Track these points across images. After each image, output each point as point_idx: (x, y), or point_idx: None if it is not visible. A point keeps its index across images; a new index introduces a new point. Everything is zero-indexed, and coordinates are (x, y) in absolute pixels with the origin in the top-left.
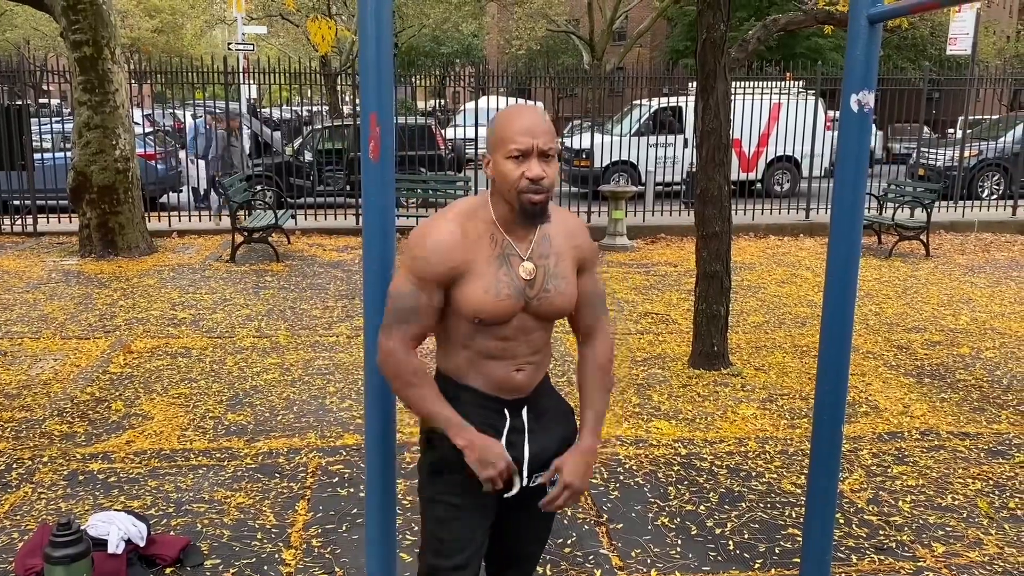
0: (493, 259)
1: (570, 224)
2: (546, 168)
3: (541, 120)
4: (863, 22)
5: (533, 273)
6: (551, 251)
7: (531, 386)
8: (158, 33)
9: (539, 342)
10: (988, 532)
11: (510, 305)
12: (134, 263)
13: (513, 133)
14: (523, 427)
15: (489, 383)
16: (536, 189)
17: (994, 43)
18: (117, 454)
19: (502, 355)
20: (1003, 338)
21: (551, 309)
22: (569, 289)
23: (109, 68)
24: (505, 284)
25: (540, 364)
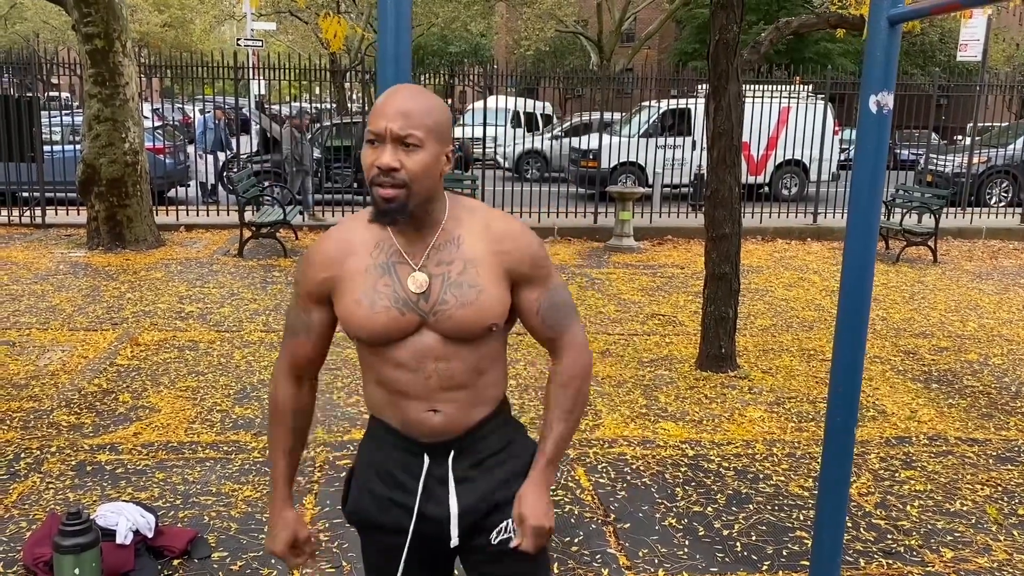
0: (373, 267)
1: (496, 227)
2: (404, 158)
3: (410, 102)
4: (883, 23)
5: (425, 284)
6: (458, 256)
7: (457, 428)
8: (167, 28)
9: (459, 372)
10: (997, 538)
11: (393, 319)
12: (142, 256)
13: (373, 114)
14: (446, 477)
15: (403, 422)
16: (386, 181)
17: (1004, 50)
18: (125, 445)
19: (411, 390)
20: (1011, 345)
21: (453, 324)
22: (481, 298)
23: (120, 61)
24: (384, 295)
25: (471, 401)
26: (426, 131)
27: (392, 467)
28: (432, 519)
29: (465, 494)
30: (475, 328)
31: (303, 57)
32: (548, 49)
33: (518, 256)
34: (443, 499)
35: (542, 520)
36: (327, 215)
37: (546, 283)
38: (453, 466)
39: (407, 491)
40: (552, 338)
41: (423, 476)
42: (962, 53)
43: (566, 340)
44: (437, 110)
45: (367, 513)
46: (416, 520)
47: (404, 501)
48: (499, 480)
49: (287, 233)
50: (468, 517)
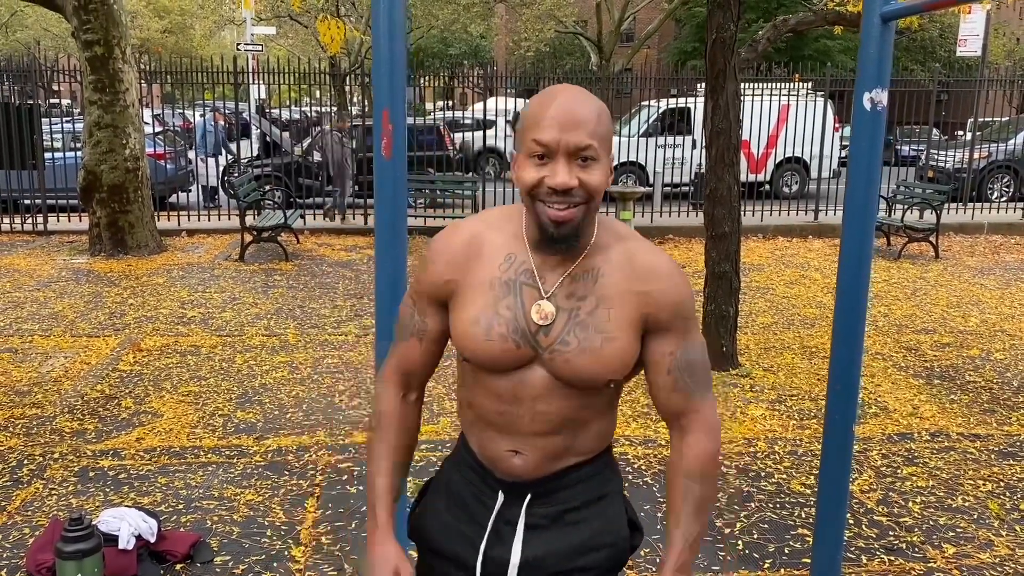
0: (498, 283)
1: (641, 261)
2: (583, 175)
3: (581, 108)
4: (876, 20)
5: (551, 317)
6: (592, 292)
7: (538, 472)
8: (167, 34)
9: (558, 417)
10: (999, 534)
11: (506, 350)
12: (144, 262)
13: (538, 120)
14: (515, 519)
15: (485, 454)
16: (558, 204)
17: (1004, 45)
18: (127, 451)
19: (499, 424)
20: (1013, 340)
21: (568, 370)
22: (608, 348)
23: (120, 68)
24: (504, 319)
25: (560, 450)
26: (600, 141)
27: (467, 495)
28: (493, 560)
29: (532, 544)
30: (592, 380)
31: (303, 61)
32: (548, 50)
33: (660, 300)
34: (508, 543)
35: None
36: (328, 219)
37: (686, 336)
38: (527, 510)
39: (477, 524)
40: (679, 407)
41: (494, 514)
42: (962, 48)
43: (697, 414)
44: (605, 115)
45: (430, 536)
46: (482, 557)
47: (471, 534)
48: (575, 544)
49: (288, 237)
50: (530, 571)
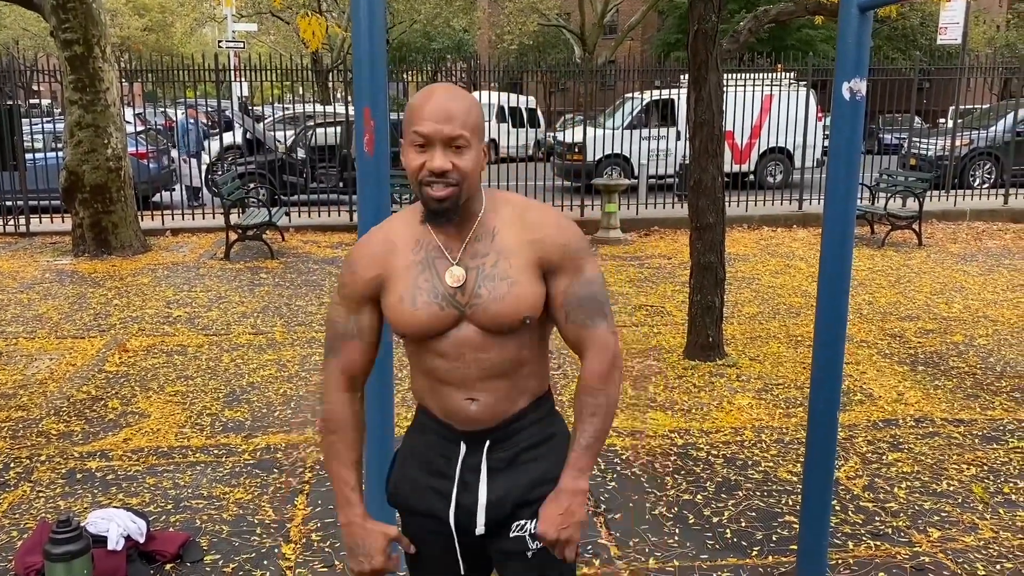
0: (413, 265)
1: (530, 216)
2: (456, 159)
3: (452, 103)
4: (853, 10)
5: (462, 279)
6: (492, 249)
7: (494, 418)
8: (148, 32)
9: (497, 363)
10: (983, 517)
11: (432, 315)
12: (128, 262)
13: (417, 115)
14: (478, 465)
15: (443, 410)
16: (437, 184)
17: (984, 32)
18: (115, 452)
19: (451, 379)
20: (996, 325)
21: (487, 317)
22: (514, 290)
23: (100, 67)
24: (424, 291)
25: (508, 392)
26: (471, 130)
27: (431, 454)
28: (464, 507)
29: (495, 486)
30: (509, 321)
31: (285, 57)
32: (531, 43)
33: (549, 245)
34: (474, 488)
35: (548, 531)
36: (313, 215)
37: (576, 274)
38: (488, 456)
39: (445, 478)
40: (576, 336)
41: (459, 465)
42: (942, 36)
43: (591, 338)
44: (476, 107)
45: (405, 498)
46: (454, 507)
47: (441, 488)
48: (532, 479)
49: (273, 235)
50: (495, 509)
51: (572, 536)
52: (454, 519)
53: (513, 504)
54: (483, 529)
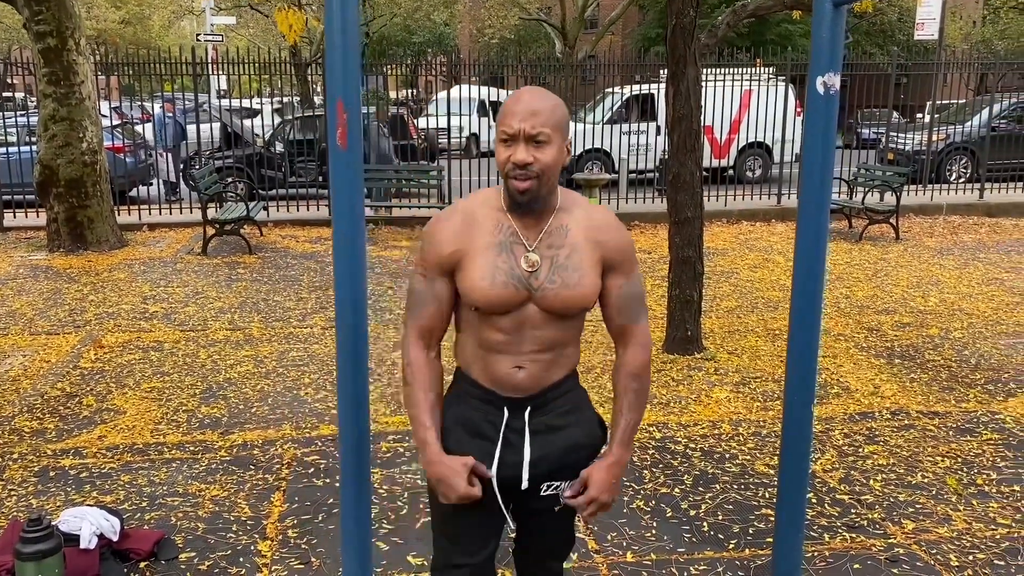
0: (493, 245)
1: (596, 218)
2: (536, 153)
3: (538, 102)
4: (828, 4)
5: (537, 264)
6: (565, 242)
7: (536, 386)
8: (125, 24)
9: (548, 339)
10: (956, 508)
11: (508, 294)
12: (104, 257)
13: (506, 115)
14: (523, 428)
15: (491, 378)
16: (521, 175)
17: (960, 28)
18: (89, 449)
19: (504, 349)
20: (971, 319)
21: (556, 302)
22: (583, 282)
23: (74, 59)
24: (503, 271)
25: (550, 364)
26: (553, 128)
27: (477, 419)
28: (508, 465)
29: (536, 446)
30: (573, 307)
31: (264, 51)
32: (512, 37)
33: (613, 246)
34: (519, 448)
35: (602, 494)
36: (292, 210)
37: (629, 274)
38: (529, 420)
39: (488, 440)
40: (622, 326)
41: (503, 427)
42: (919, 32)
43: (635, 331)
44: (560, 108)
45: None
46: (497, 466)
47: (485, 448)
48: (566, 446)
49: (251, 229)
50: (538, 466)
51: (614, 498)
52: (497, 476)
53: (549, 467)
54: (527, 484)
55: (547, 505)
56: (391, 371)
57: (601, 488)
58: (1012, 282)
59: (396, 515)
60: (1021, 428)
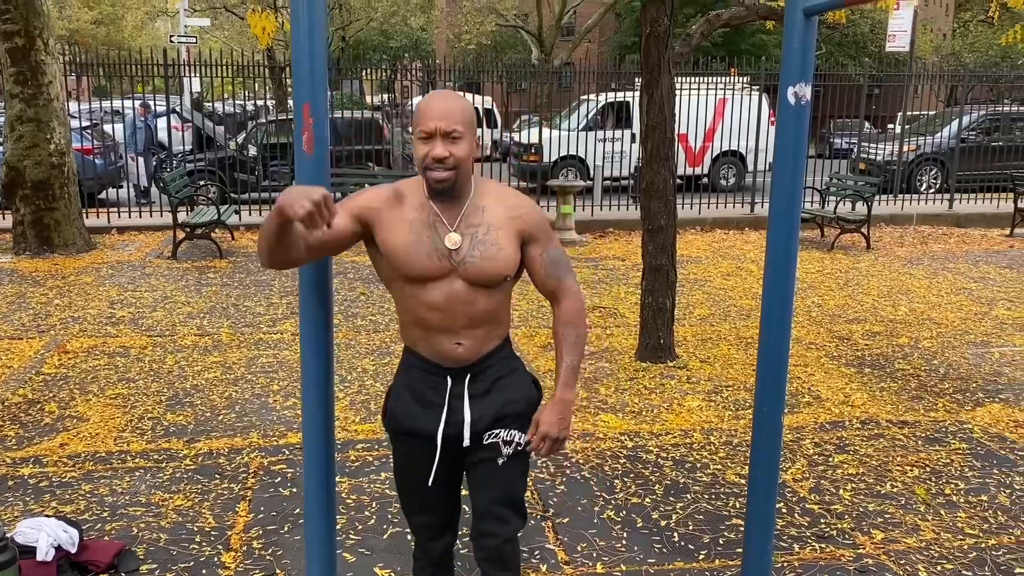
0: (417, 222)
1: (510, 199)
2: (451, 148)
3: (450, 104)
4: (799, 15)
5: (458, 243)
6: (483, 220)
7: (474, 356)
8: (98, 24)
9: (480, 312)
10: (925, 518)
11: (431, 264)
12: (71, 260)
13: (423, 116)
14: (462, 394)
15: (433, 353)
16: (439, 167)
17: (931, 40)
18: (50, 457)
19: (442, 328)
20: (940, 328)
21: (478, 273)
22: (501, 255)
23: (42, 59)
24: (425, 243)
25: (486, 336)
26: (464, 125)
27: (423, 387)
28: (452, 425)
29: (476, 408)
30: (495, 277)
31: (239, 53)
32: (489, 43)
33: (528, 221)
34: (460, 411)
35: (551, 430)
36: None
37: (547, 243)
38: (469, 387)
39: (435, 406)
40: (553, 287)
41: (447, 394)
42: (891, 44)
43: (563, 288)
44: (468, 108)
45: (399, 421)
46: (443, 426)
47: (432, 413)
48: (503, 401)
49: (222, 234)
50: (476, 425)
51: (565, 434)
52: (442, 435)
53: (488, 421)
54: (468, 441)
55: (490, 455)
56: (360, 378)
57: (549, 424)
58: (980, 292)
59: (363, 525)
60: (988, 438)
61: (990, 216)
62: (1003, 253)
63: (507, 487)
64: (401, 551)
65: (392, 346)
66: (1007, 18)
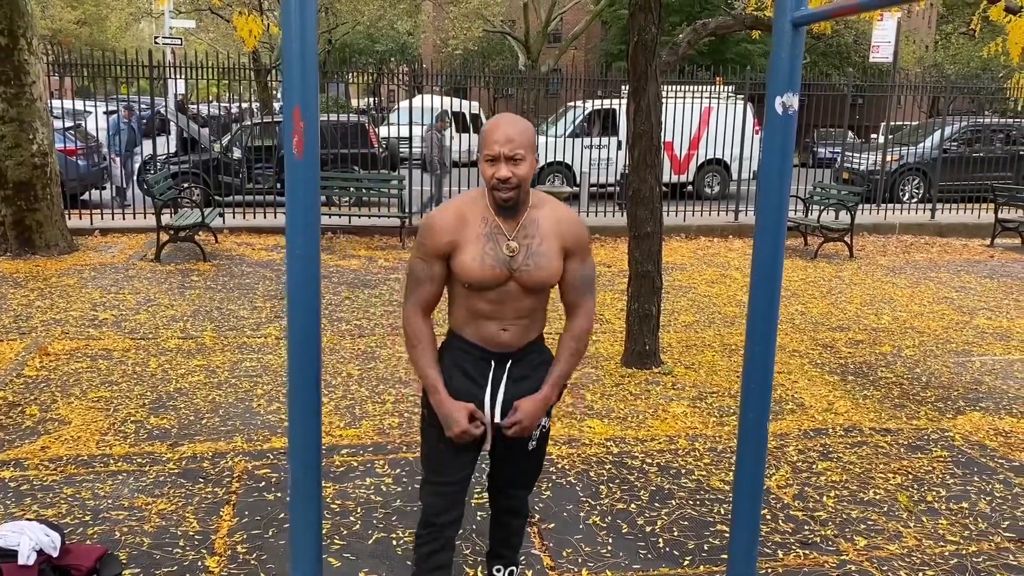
0: (481, 236)
1: (560, 214)
2: (514, 169)
3: (512, 129)
4: (787, 25)
5: (516, 250)
6: (537, 233)
7: (517, 344)
8: (81, 25)
9: (526, 308)
10: (907, 525)
11: (494, 274)
12: (53, 262)
13: (488, 141)
14: (502, 376)
15: (481, 337)
16: (504, 187)
17: (914, 52)
18: (30, 461)
19: (491, 315)
20: (922, 336)
21: (531, 280)
22: (550, 265)
23: (26, 59)
24: (490, 256)
25: (528, 327)
26: (526, 148)
27: (469, 367)
28: (492, 399)
29: (512, 390)
30: (544, 284)
31: (224, 56)
32: (476, 49)
33: (570, 236)
34: (497, 390)
35: (524, 419)
36: (248, 217)
37: (583, 261)
38: (509, 370)
39: (479, 384)
40: (574, 302)
41: (491, 374)
42: (874, 55)
43: (583, 306)
44: (529, 130)
45: (459, 390)
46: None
47: (476, 391)
48: (530, 390)
49: (206, 236)
50: (506, 407)
51: (532, 426)
52: (489, 410)
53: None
54: (500, 418)
55: (522, 439)
56: (345, 383)
57: (525, 413)
58: (961, 301)
59: (349, 531)
60: (969, 446)
61: (971, 226)
62: (984, 263)
63: (532, 469)
64: (386, 556)
65: (377, 351)
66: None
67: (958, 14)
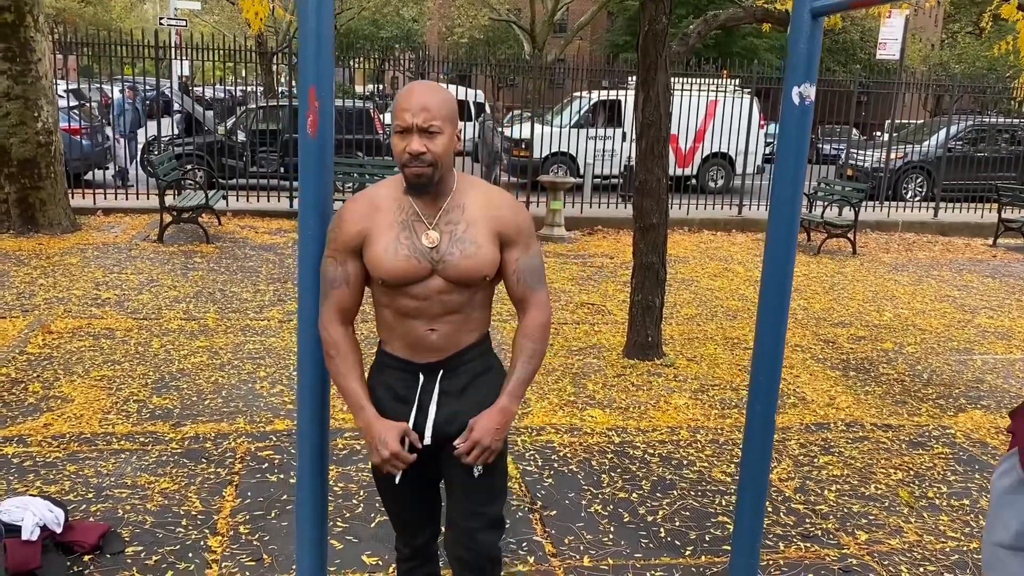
0: (395, 224)
1: (493, 197)
2: (428, 143)
3: (429, 97)
4: (806, 16)
5: (437, 240)
6: (462, 219)
7: (448, 348)
8: (85, 4)
9: (456, 303)
10: (908, 520)
11: (410, 265)
12: (56, 240)
13: (399, 110)
14: (433, 389)
15: (407, 343)
16: (415, 163)
17: (920, 50)
18: (33, 437)
19: (417, 315)
20: (924, 334)
21: (457, 272)
22: (478, 253)
23: (31, 36)
24: (404, 246)
25: (460, 328)
26: (443, 119)
27: (396, 384)
28: (418, 425)
29: (447, 406)
30: (473, 276)
31: (229, 38)
32: (481, 37)
33: (507, 221)
34: (427, 408)
35: (484, 437)
36: (252, 200)
37: (526, 249)
38: (440, 384)
39: (406, 403)
40: (522, 295)
41: (418, 391)
42: (881, 52)
43: (533, 299)
44: (448, 101)
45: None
46: (412, 424)
47: (403, 411)
48: (475, 403)
49: (209, 218)
50: (448, 426)
51: (497, 446)
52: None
53: (459, 426)
54: (430, 440)
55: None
56: None
57: (483, 432)
58: (963, 300)
59: (351, 513)
60: (971, 443)
61: (974, 225)
62: (986, 262)
63: (486, 492)
64: (389, 539)
65: None
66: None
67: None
